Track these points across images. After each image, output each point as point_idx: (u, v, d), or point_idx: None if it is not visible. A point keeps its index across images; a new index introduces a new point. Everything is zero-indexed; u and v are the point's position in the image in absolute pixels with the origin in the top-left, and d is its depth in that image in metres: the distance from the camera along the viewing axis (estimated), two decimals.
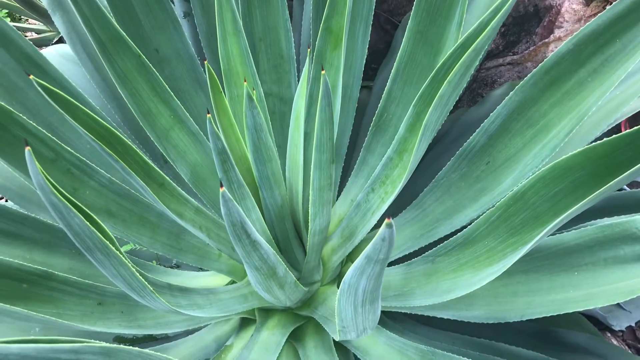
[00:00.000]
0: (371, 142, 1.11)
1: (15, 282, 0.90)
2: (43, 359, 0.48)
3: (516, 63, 2.02)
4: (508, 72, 2.02)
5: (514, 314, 1.04)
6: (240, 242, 0.68)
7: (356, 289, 0.61)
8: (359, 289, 0.60)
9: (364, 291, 0.61)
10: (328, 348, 1.14)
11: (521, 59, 2.00)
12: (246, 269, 0.78)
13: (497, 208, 0.84)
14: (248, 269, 0.77)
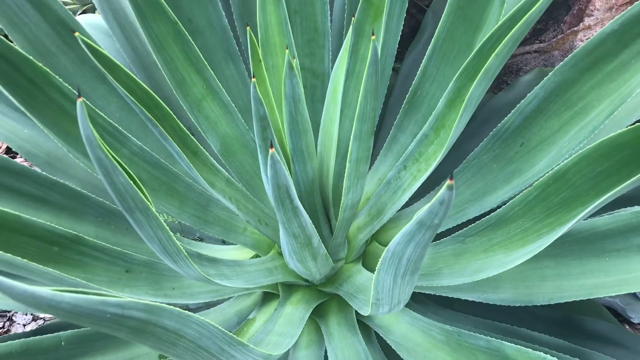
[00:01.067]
0: (403, 119, 1.10)
1: (47, 244, 0.90)
2: (91, 310, 0.48)
3: (543, 51, 2.00)
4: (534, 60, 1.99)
5: (541, 298, 1.03)
6: (282, 207, 0.67)
7: (400, 257, 0.60)
8: (404, 258, 0.60)
9: (409, 260, 0.60)
10: (351, 325, 1.14)
11: (548, 47, 1.97)
12: (282, 238, 0.78)
13: (535, 187, 0.83)
14: (285, 237, 0.77)
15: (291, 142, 0.88)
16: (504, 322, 1.25)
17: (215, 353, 0.70)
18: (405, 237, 0.55)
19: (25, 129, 1.26)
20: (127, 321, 0.53)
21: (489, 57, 0.73)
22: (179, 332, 0.62)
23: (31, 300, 0.43)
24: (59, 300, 0.45)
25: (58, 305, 0.45)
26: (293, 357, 1.18)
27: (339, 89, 0.84)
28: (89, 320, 0.49)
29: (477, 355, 0.96)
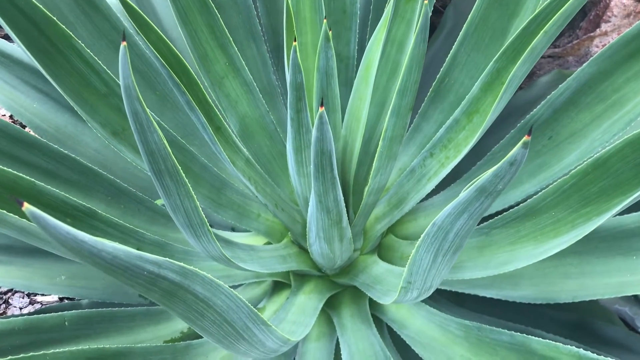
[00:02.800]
0: (428, 108, 1.08)
1: (60, 214, 0.86)
2: (130, 264, 0.45)
3: (557, 56, 1.98)
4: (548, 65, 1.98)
5: (564, 295, 1.00)
6: (322, 176, 0.64)
7: (447, 232, 0.57)
8: (451, 232, 0.57)
9: (456, 235, 0.57)
10: (365, 318, 1.11)
11: (563, 52, 1.96)
12: (313, 214, 0.74)
13: (572, 176, 0.80)
14: (317, 212, 0.73)
15: None
16: (518, 323, 1.22)
17: (239, 329, 0.67)
18: (459, 206, 0.52)
19: (35, 104, 1.23)
20: (161, 282, 0.50)
21: (536, 35, 0.70)
22: (208, 302, 0.58)
23: (73, 244, 0.39)
24: (100, 248, 0.41)
25: (99, 254, 0.41)
26: (303, 349, 1.14)
27: (373, 66, 0.82)
28: (126, 274, 0.45)
29: (498, 351, 0.93)
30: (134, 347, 0.88)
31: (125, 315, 1.10)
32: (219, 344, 0.69)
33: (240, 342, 0.71)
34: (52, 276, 1.19)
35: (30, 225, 0.73)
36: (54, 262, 1.20)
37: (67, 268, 1.21)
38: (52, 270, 1.20)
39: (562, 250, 1.04)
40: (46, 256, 1.20)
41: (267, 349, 0.79)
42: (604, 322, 1.34)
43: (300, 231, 1.11)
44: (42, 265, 1.19)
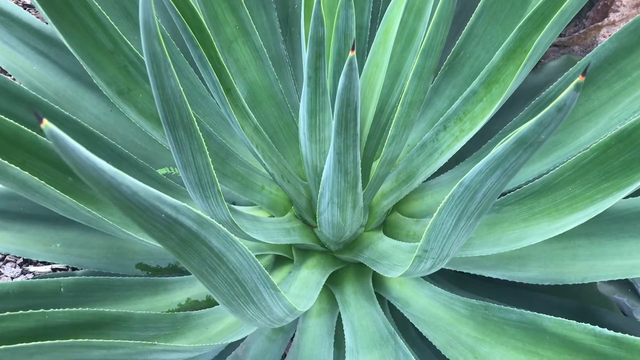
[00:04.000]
0: (440, 83, 1.05)
1: (62, 172, 0.83)
2: (148, 203, 0.42)
3: (563, 45, 1.96)
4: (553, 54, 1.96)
5: (574, 277, 0.99)
6: (345, 132, 0.61)
7: (475, 192, 0.54)
8: (479, 193, 0.54)
9: (484, 195, 0.54)
10: (368, 295, 1.08)
11: (569, 41, 1.94)
12: (329, 177, 0.71)
13: (592, 150, 0.78)
14: (334, 173, 0.70)
15: (333, 84, 0.82)
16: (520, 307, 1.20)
17: (249, 291, 0.64)
18: (493, 162, 0.49)
19: (35, 66, 1.19)
20: (178, 228, 0.47)
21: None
22: (221, 257, 0.56)
23: (92, 172, 0.36)
24: (120, 180, 0.38)
25: (118, 187, 0.38)
26: (303, 325, 1.12)
27: (392, 31, 0.79)
28: (144, 215, 0.43)
29: (506, 330, 0.91)
30: (133, 313, 0.86)
31: (122, 284, 1.07)
32: (228, 306, 0.66)
33: (249, 306, 0.68)
34: (47, 243, 1.16)
35: (31, 179, 0.70)
36: (49, 229, 1.17)
37: (62, 236, 1.18)
38: (47, 237, 1.16)
39: (571, 232, 1.03)
40: (41, 223, 1.17)
41: (273, 316, 0.76)
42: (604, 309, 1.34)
43: (305, 205, 1.08)
44: (37, 231, 1.16)
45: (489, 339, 0.92)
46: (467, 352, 0.92)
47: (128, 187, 0.39)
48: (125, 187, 0.39)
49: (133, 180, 0.40)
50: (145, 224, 0.44)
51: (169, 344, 0.75)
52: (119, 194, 0.39)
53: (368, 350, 0.94)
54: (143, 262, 1.23)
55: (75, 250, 1.18)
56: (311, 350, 1.06)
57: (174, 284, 1.14)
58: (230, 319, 1.04)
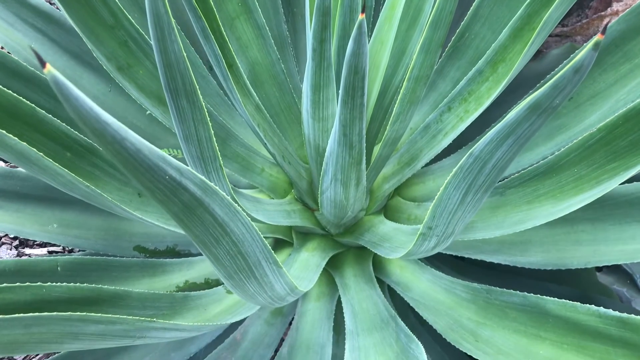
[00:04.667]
0: (444, 65, 1.04)
1: (60, 147, 0.82)
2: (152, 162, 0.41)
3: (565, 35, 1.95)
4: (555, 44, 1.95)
5: (576, 262, 0.98)
6: (352, 101, 0.59)
7: (485, 162, 0.53)
8: (490, 163, 0.53)
9: (494, 166, 0.53)
10: (369, 278, 1.07)
11: (571, 31, 1.93)
12: (334, 151, 0.70)
13: (599, 130, 0.77)
14: (338, 147, 0.69)
15: (338, 60, 0.81)
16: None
17: (251, 264, 0.63)
18: (504, 129, 0.48)
19: (33, 44, 1.17)
20: (181, 192, 0.46)
21: None
22: (225, 227, 0.54)
23: (95, 124, 0.35)
24: (123, 135, 0.37)
25: (122, 142, 0.37)
26: (302, 309, 1.11)
27: (399, 6, 0.77)
28: (147, 175, 0.41)
29: (508, 313, 0.90)
30: (131, 291, 0.84)
31: (120, 264, 1.06)
32: (230, 280, 0.65)
33: (251, 281, 0.67)
34: (44, 223, 1.14)
35: (29, 150, 0.69)
36: (45, 210, 1.15)
37: (59, 217, 1.16)
38: (44, 217, 1.15)
39: (574, 217, 1.02)
40: (38, 203, 1.15)
41: (274, 294, 0.75)
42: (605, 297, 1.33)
43: (306, 188, 1.07)
44: (33, 211, 1.14)
45: (490, 323, 0.91)
46: (469, 336, 0.91)
47: (132, 144, 0.38)
48: (129, 143, 0.38)
49: (137, 137, 0.38)
50: (149, 184, 0.42)
51: (168, 321, 0.74)
52: (122, 149, 0.38)
53: (368, 332, 0.93)
54: (141, 244, 1.22)
55: (73, 231, 1.16)
56: (310, 333, 1.05)
57: (172, 266, 1.13)
58: (229, 300, 1.03)
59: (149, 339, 0.78)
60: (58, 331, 0.63)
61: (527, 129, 0.47)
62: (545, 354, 0.80)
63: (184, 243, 1.25)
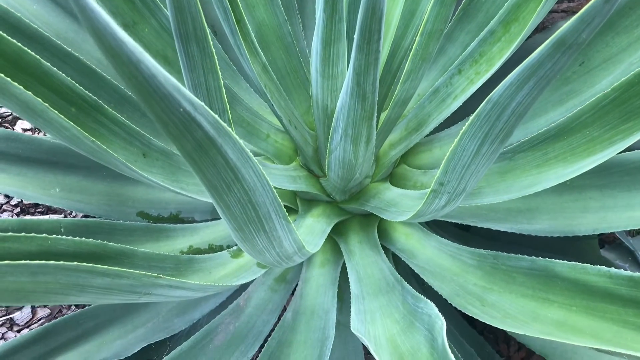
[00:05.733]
0: (454, 29, 1.02)
1: (65, 102, 0.80)
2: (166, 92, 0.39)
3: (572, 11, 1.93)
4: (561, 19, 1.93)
5: (584, 228, 0.97)
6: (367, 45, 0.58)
7: (504, 108, 0.52)
8: (509, 109, 0.51)
9: (513, 112, 0.52)
10: (374, 244, 1.07)
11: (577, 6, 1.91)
12: (345, 104, 0.68)
13: (613, 90, 0.76)
14: (352, 98, 0.68)
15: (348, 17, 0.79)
16: None
17: (261, 216, 0.62)
18: (526, 70, 0.47)
19: (35, 5, 1.15)
20: (195, 129, 0.45)
21: None
22: (237, 173, 0.53)
23: (111, 41, 0.34)
24: (139, 56, 0.36)
25: (137, 63, 0.36)
26: (306, 275, 1.11)
27: None
28: (161, 104, 0.40)
29: (515, 278, 0.90)
30: (137, 250, 0.83)
31: (123, 228, 1.05)
32: (240, 233, 0.64)
33: (260, 235, 0.66)
34: (46, 187, 1.13)
35: (34, 100, 0.67)
36: (48, 173, 1.14)
37: (61, 181, 1.15)
38: (46, 181, 1.14)
39: (582, 185, 1.01)
40: (40, 166, 1.14)
41: (282, 251, 0.75)
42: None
43: (311, 154, 1.06)
44: (35, 175, 1.13)
45: (497, 288, 0.91)
46: (475, 300, 0.91)
47: (147, 68, 0.37)
48: (144, 66, 0.36)
49: (152, 62, 0.37)
50: (163, 116, 0.41)
51: (174, 278, 0.73)
52: (137, 71, 0.36)
53: (374, 296, 0.92)
54: (144, 210, 1.21)
55: (75, 195, 1.15)
56: (315, 299, 1.05)
57: (176, 231, 1.12)
58: (233, 265, 1.02)
59: (154, 297, 0.78)
60: (64, 282, 0.62)
61: (550, 68, 0.46)
62: (554, 316, 0.80)
63: (187, 210, 1.24)
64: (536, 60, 0.46)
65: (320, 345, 0.97)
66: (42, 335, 1.06)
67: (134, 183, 1.21)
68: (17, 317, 1.20)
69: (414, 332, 0.74)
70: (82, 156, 1.18)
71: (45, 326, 1.06)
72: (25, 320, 1.20)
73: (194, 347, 1.04)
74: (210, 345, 1.06)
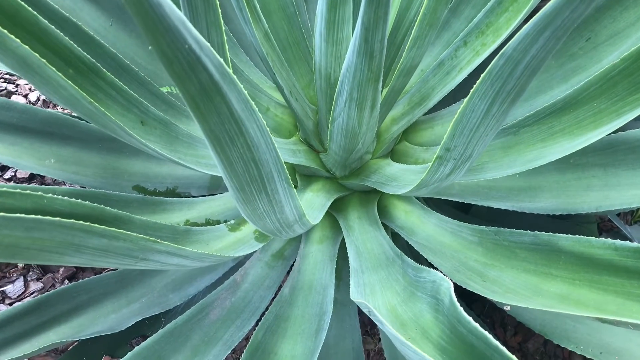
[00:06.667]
0: (459, 3, 1.01)
1: (62, 62, 0.78)
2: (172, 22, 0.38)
3: None
4: None
5: (587, 206, 0.96)
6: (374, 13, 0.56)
7: (517, 62, 0.50)
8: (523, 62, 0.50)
9: (526, 66, 0.50)
10: (373, 220, 1.05)
11: None
12: (354, 60, 0.66)
13: (623, 60, 0.74)
14: (358, 57, 0.65)
15: None
16: None
17: (264, 175, 0.60)
18: (542, 21, 0.45)
19: None
20: (200, 70, 0.43)
21: None
22: (240, 125, 0.52)
23: None
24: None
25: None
26: (304, 251, 1.09)
27: None
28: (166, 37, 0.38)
29: (517, 253, 0.88)
30: (134, 217, 0.81)
31: (119, 199, 1.03)
32: (241, 193, 0.62)
33: (261, 196, 0.64)
34: (41, 157, 1.11)
35: (32, 55, 0.65)
36: (43, 144, 1.12)
37: (56, 152, 1.13)
38: (41, 152, 1.12)
39: (586, 163, 1.00)
40: (35, 137, 1.12)
41: (283, 217, 0.73)
42: None
43: (312, 129, 1.05)
44: (30, 145, 1.11)
45: (498, 264, 0.90)
46: (475, 277, 0.90)
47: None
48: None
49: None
50: (168, 51, 0.40)
51: (172, 244, 0.71)
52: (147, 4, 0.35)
53: (373, 269, 0.91)
54: (140, 184, 1.19)
55: (70, 167, 1.13)
56: (312, 275, 1.04)
57: (173, 205, 1.10)
58: (230, 238, 1.01)
59: (151, 264, 0.76)
60: (60, 239, 0.61)
61: (568, 17, 0.45)
62: (557, 290, 0.79)
63: (184, 185, 1.23)
64: (553, 8, 0.44)
65: (317, 320, 0.96)
66: (34, 307, 1.04)
67: (130, 156, 1.19)
68: (9, 289, 1.18)
69: (415, 301, 0.73)
70: (77, 128, 1.17)
71: (39, 298, 1.05)
72: (17, 294, 1.18)
73: (189, 321, 1.03)
74: (206, 320, 1.04)
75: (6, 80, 1.56)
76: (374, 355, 1.29)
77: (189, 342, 1.00)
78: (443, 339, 0.58)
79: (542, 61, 0.51)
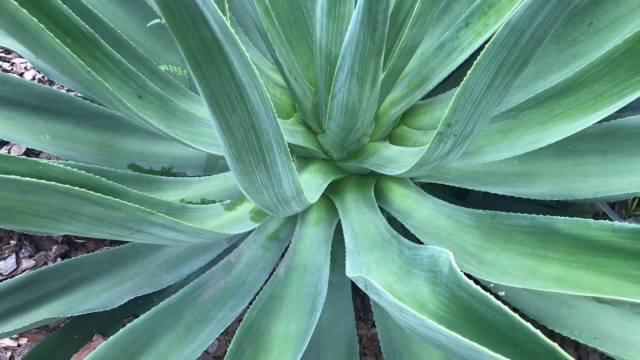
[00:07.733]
0: None
1: (60, 31, 0.77)
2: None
3: None
4: None
5: (584, 192, 0.96)
6: None
7: (523, 31, 0.49)
8: (528, 31, 0.49)
9: (532, 35, 0.50)
10: (370, 202, 1.05)
11: None
12: (357, 31, 0.65)
13: (625, 41, 0.74)
14: (361, 28, 0.65)
15: None
16: None
17: (263, 145, 0.60)
18: None
19: None
20: (202, 26, 0.42)
21: None
22: (241, 89, 0.51)
23: None
24: None
25: None
26: (300, 233, 1.09)
27: None
28: None
29: (514, 237, 0.88)
30: (129, 190, 0.81)
31: (115, 176, 1.02)
32: (240, 163, 0.62)
33: (260, 168, 0.64)
34: (36, 133, 1.10)
35: (30, 19, 0.64)
36: (38, 119, 1.11)
37: (51, 127, 1.12)
38: (36, 127, 1.11)
39: (584, 149, 1.00)
40: (31, 112, 1.11)
41: (281, 192, 0.72)
42: None
43: (310, 110, 1.04)
44: (25, 120, 1.10)
45: (495, 247, 0.90)
46: (472, 260, 0.89)
47: None
48: None
49: None
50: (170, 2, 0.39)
51: (167, 217, 0.70)
52: None
53: (369, 250, 0.91)
54: (135, 162, 1.18)
55: (65, 143, 1.12)
56: (308, 256, 1.03)
57: (169, 184, 1.10)
58: (226, 217, 1.00)
59: (146, 236, 0.75)
60: (55, 205, 0.60)
61: None
62: (553, 272, 0.78)
63: (180, 165, 1.22)
64: None
65: (312, 300, 0.95)
66: (26, 282, 1.03)
67: (126, 134, 1.18)
68: (1, 266, 1.17)
69: (412, 278, 0.73)
70: (73, 104, 1.16)
71: (30, 274, 1.04)
72: (9, 270, 1.17)
73: (182, 300, 1.02)
74: (199, 299, 1.04)
75: (1, 58, 1.55)
76: (367, 341, 1.28)
77: (182, 321, 0.99)
78: (441, 309, 0.57)
79: (548, 29, 0.50)
